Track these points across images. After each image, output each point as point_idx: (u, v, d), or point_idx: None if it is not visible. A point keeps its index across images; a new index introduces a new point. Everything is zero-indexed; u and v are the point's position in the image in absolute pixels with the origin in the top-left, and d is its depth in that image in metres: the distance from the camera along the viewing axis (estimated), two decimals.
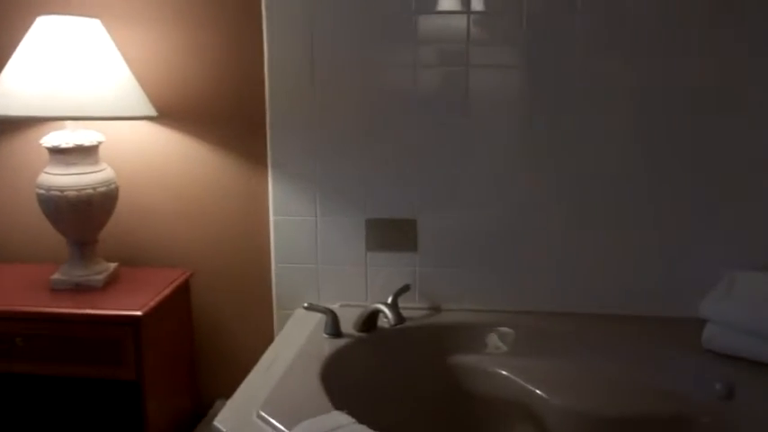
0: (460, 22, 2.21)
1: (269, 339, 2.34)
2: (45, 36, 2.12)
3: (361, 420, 1.64)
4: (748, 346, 1.99)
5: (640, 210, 2.25)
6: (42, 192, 2.22)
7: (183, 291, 2.43)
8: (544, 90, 2.21)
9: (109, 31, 2.27)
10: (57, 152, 2.21)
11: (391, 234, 2.34)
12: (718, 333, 2.04)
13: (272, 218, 2.38)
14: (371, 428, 1.60)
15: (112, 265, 2.39)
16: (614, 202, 2.25)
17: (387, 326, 2.13)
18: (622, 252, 2.28)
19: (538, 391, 2.06)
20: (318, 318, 2.24)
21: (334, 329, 2.17)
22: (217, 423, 1.72)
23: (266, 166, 2.36)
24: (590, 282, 2.31)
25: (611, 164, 2.23)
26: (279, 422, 1.69)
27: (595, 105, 2.20)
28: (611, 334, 2.19)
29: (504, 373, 2.14)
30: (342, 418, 1.65)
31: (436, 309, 2.36)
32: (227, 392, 1.88)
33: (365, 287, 2.38)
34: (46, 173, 2.22)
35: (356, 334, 2.18)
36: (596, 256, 2.29)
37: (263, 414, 1.73)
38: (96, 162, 2.26)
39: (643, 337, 2.16)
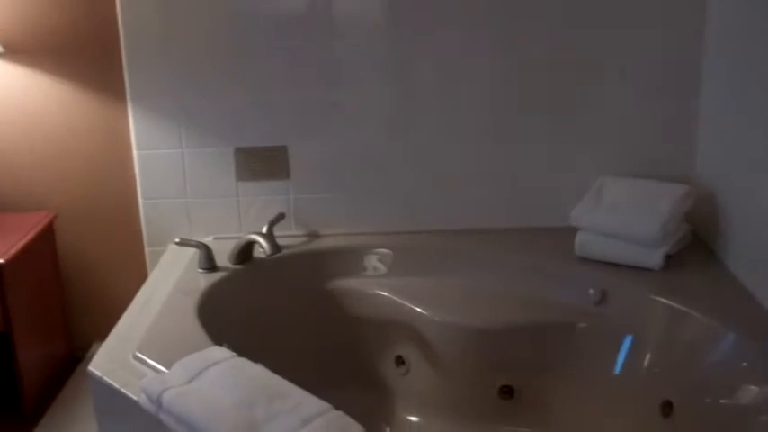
0: None
1: (142, 278, 2.26)
2: None
3: (242, 353, 1.61)
4: (616, 250, 2.06)
5: (511, 124, 2.26)
6: None
7: (47, 234, 2.32)
8: (411, 8, 2.17)
9: None
10: None
11: (262, 163, 2.28)
12: (588, 240, 2.09)
13: (135, 153, 2.29)
14: (253, 360, 1.57)
15: None
16: (485, 118, 2.26)
17: (263, 256, 2.10)
18: (495, 166, 2.29)
19: (419, 309, 2.07)
20: (192, 253, 2.18)
21: (209, 263, 2.12)
22: (92, 368, 1.66)
23: (125, 100, 2.25)
24: (465, 198, 2.32)
25: (481, 79, 2.22)
26: (156, 362, 1.65)
27: (464, 21, 2.18)
28: (488, 248, 2.23)
29: (384, 293, 2.14)
30: (221, 352, 1.61)
31: (313, 235, 2.33)
32: (104, 335, 1.82)
33: (238, 218, 2.33)
34: None
35: (231, 266, 2.14)
36: (470, 172, 2.30)
37: (140, 355, 1.68)
38: None
39: (520, 249, 2.21)
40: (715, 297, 1.92)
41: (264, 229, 2.16)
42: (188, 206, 2.32)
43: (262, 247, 2.06)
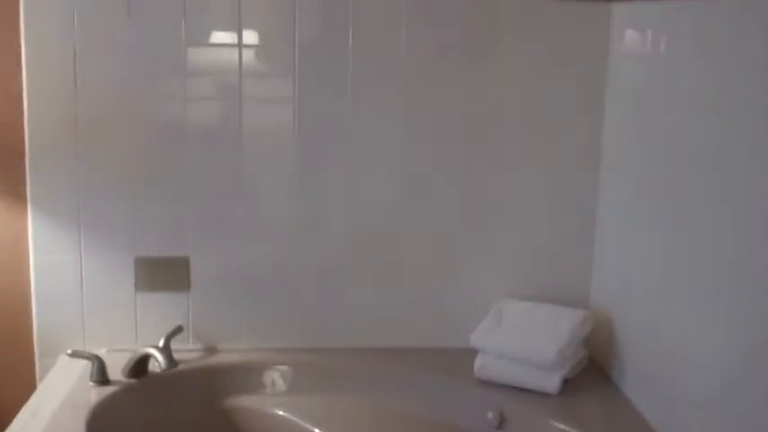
0: (232, 54, 2.17)
1: (30, 390, 2.16)
2: None
3: None
4: (515, 373, 2.07)
5: (412, 242, 2.28)
6: None
7: None
8: (317, 123, 2.21)
9: None
10: None
11: (162, 273, 2.24)
12: (487, 362, 2.10)
13: (32, 258, 2.22)
14: None
15: None
16: (387, 236, 2.28)
17: (158, 370, 2.04)
18: (396, 286, 2.30)
19: (316, 430, 2.03)
20: (84, 365, 2.10)
21: (101, 376, 2.05)
22: None
23: (26, 203, 2.20)
24: (366, 316, 2.31)
25: (384, 196, 2.26)
26: None
27: (368, 138, 2.22)
28: (388, 368, 2.21)
29: (281, 413, 2.10)
30: None
31: (212, 350, 2.27)
32: None
33: (135, 330, 2.25)
34: None
35: (125, 380, 2.07)
36: (371, 290, 2.30)
37: None
38: None
39: (419, 369, 2.19)
40: (610, 421, 1.96)
41: (161, 343, 2.10)
42: (84, 315, 2.24)
43: (157, 360, 2.00)
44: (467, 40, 2.20)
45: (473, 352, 2.13)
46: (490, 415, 2.01)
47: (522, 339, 2.10)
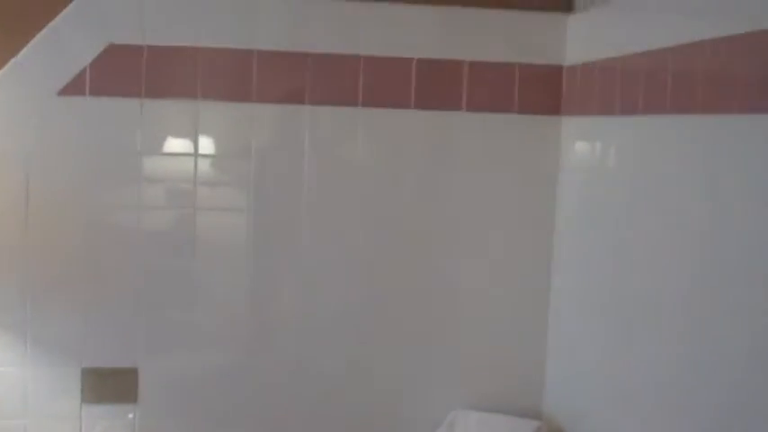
0: (188, 163, 2.19)
1: None
2: None
3: None
4: None
5: (364, 355, 2.27)
6: None
7: None
8: (272, 233, 2.22)
9: None
10: None
11: (110, 384, 2.18)
12: None
13: None
14: None
15: None
16: (337, 348, 2.26)
17: None
18: (349, 397, 2.27)
19: None
20: None
21: None
22: None
23: None
24: (322, 423, 2.27)
25: (336, 309, 2.25)
26: None
27: (324, 249, 2.23)
28: None
29: None
30: None
31: None
32: None
33: None
34: None
35: None
36: (326, 398, 2.27)
37: None
38: None
39: None
40: None
41: None
42: (26, 428, 2.17)
43: None
44: (422, 148, 2.25)
45: None
46: None
47: None
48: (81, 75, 2.11)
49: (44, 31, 2.09)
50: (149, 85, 2.14)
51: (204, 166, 2.20)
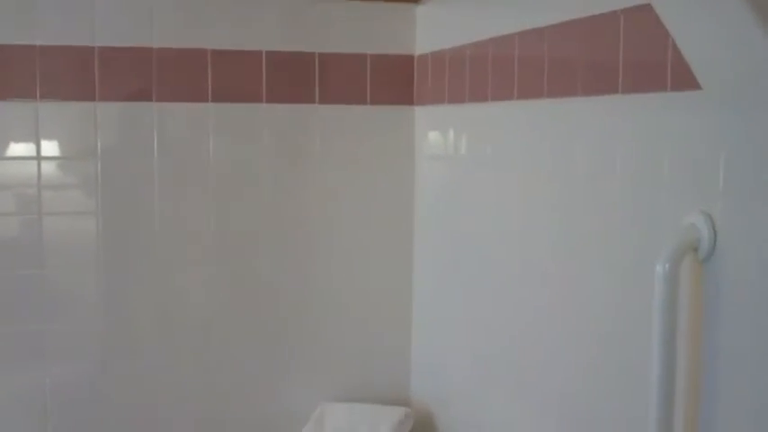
0: (31, 167, 2.09)
1: None
2: None
3: None
4: None
5: (229, 350, 2.23)
6: None
7: None
8: (124, 236, 2.15)
9: None
10: None
11: None
12: None
13: None
14: None
15: None
16: (200, 346, 2.21)
17: None
18: (212, 393, 2.22)
19: None
20: None
21: None
22: None
23: None
24: (182, 428, 2.21)
25: (195, 307, 2.21)
26: None
27: (175, 248, 2.18)
28: None
29: None
30: None
31: None
32: None
33: None
34: None
35: None
36: (186, 400, 2.21)
37: None
38: None
39: None
40: None
41: None
42: None
43: None
44: (277, 142, 2.22)
45: None
46: None
47: None
48: None
49: None
50: None
51: (48, 168, 2.11)
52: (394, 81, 2.27)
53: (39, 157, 2.10)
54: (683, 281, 1.10)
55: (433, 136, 2.19)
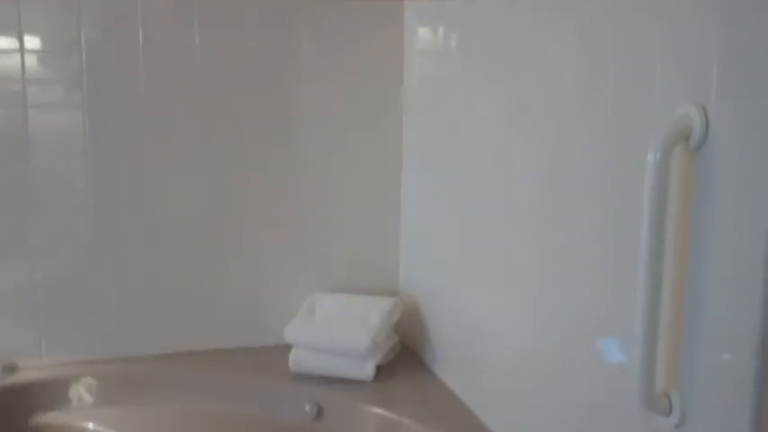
0: (14, 61, 2.06)
1: None
2: None
3: None
4: (329, 364, 2.08)
5: (218, 241, 2.25)
6: None
7: None
8: (111, 129, 2.13)
9: None
10: None
11: None
12: (302, 356, 2.10)
13: None
14: None
15: None
16: (190, 237, 2.23)
17: None
18: (203, 285, 2.25)
19: None
20: None
21: None
22: None
23: None
24: (172, 319, 2.24)
25: (183, 198, 2.21)
26: None
27: (164, 140, 2.17)
28: (200, 370, 2.16)
29: (91, 426, 2.01)
30: None
31: (11, 368, 2.12)
32: None
33: None
34: None
35: None
36: (176, 292, 2.24)
37: None
38: None
39: (232, 370, 2.16)
40: (424, 403, 2.00)
41: None
42: None
43: None
44: (263, 39, 2.19)
45: (288, 348, 2.13)
46: (307, 407, 2.01)
47: (334, 330, 2.11)
48: None
49: None
50: None
51: (32, 62, 2.07)
52: None
53: (22, 51, 2.06)
54: (673, 170, 1.13)
55: (423, 32, 2.16)
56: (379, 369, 2.10)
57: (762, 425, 1.03)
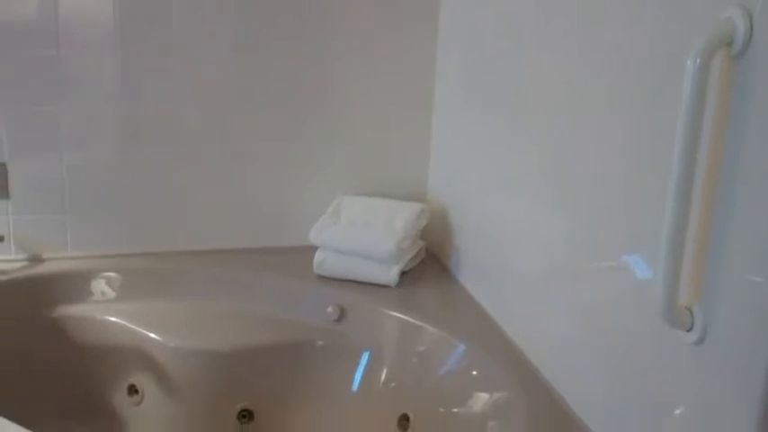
0: None
1: None
2: None
3: None
4: (353, 268, 2.07)
5: (246, 141, 2.22)
6: None
7: None
8: (140, 19, 2.08)
9: None
10: None
11: None
12: (326, 258, 2.09)
13: None
14: None
15: None
16: (217, 136, 2.20)
17: None
18: (230, 185, 2.24)
19: (152, 335, 1.97)
20: None
21: None
22: None
23: None
24: (199, 218, 2.24)
25: (215, 100, 2.17)
26: None
27: (196, 35, 2.12)
28: (223, 269, 2.16)
29: (113, 319, 2.02)
30: None
31: (36, 259, 2.15)
32: None
33: None
34: None
35: None
36: (203, 191, 2.23)
37: None
38: None
39: (257, 269, 2.16)
40: (447, 310, 1.99)
41: None
42: None
43: None
44: None
45: (313, 249, 2.12)
46: (330, 309, 2.00)
47: (360, 234, 2.09)
48: None
49: None
50: None
51: None
52: None
53: None
54: (713, 78, 1.06)
55: None
56: (403, 274, 2.08)
57: None
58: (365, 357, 1.96)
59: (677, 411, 1.21)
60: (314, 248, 2.12)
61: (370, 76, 2.24)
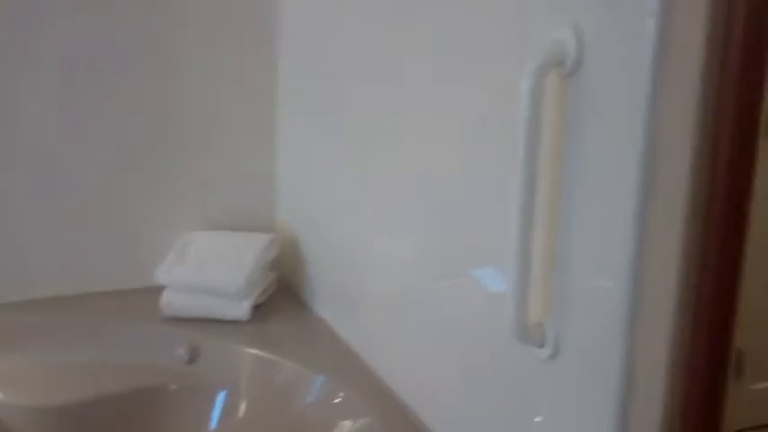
0: None
1: None
2: None
3: None
4: (203, 305, 2.01)
5: (86, 179, 2.12)
6: None
7: None
8: None
9: None
10: None
11: None
12: (174, 298, 2.02)
13: None
14: None
15: None
16: (56, 173, 2.09)
17: None
18: (66, 225, 2.13)
19: None
20: None
21: None
22: None
23: None
24: (31, 263, 2.12)
25: (51, 132, 2.07)
26: None
27: (16, 68, 2.01)
28: (65, 317, 2.05)
29: None
30: None
31: None
32: None
33: None
34: None
35: None
36: (36, 233, 2.11)
37: None
38: None
39: (98, 315, 2.06)
40: (303, 341, 1.97)
41: None
42: None
43: None
44: None
45: (159, 290, 2.04)
46: (181, 350, 1.93)
47: (207, 270, 2.04)
48: None
49: None
50: None
51: None
52: None
53: None
54: (548, 97, 1.09)
55: None
56: (255, 308, 2.04)
57: (634, 352, 1.03)
58: (221, 397, 1.90)
59: (534, 425, 1.23)
60: (160, 289, 2.05)
61: (208, 109, 2.18)
